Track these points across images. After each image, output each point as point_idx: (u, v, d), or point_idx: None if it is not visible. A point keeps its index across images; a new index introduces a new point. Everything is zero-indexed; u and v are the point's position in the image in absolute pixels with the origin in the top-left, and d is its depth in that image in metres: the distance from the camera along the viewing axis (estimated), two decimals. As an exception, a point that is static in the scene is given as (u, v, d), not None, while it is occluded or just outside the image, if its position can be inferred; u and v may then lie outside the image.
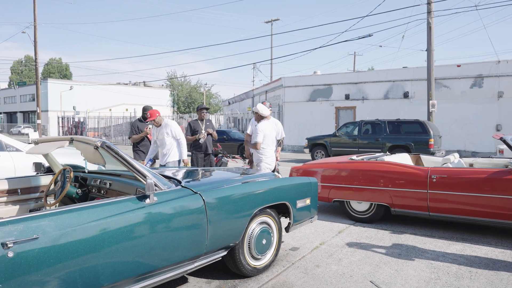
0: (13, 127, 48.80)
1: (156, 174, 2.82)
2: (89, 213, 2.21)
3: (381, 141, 12.93)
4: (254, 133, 5.31)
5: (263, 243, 3.47)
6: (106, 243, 2.23)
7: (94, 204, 2.30)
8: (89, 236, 2.15)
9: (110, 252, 2.24)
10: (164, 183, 2.80)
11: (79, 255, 2.10)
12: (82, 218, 2.16)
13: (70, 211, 2.16)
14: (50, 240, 1.99)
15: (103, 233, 2.22)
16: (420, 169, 4.81)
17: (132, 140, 6.31)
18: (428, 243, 4.38)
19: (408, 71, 17.90)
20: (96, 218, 2.21)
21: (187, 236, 2.70)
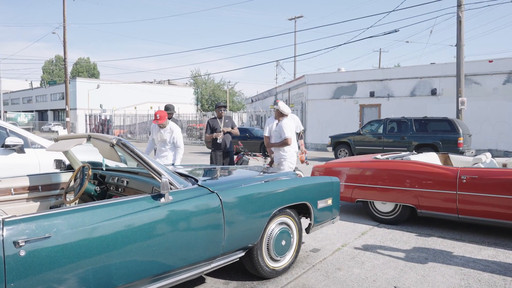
0: (44, 125, 50.53)
1: (172, 173, 2.77)
2: (103, 212, 2.17)
3: (407, 139, 12.54)
4: (282, 129, 5.20)
5: (282, 244, 3.36)
6: (120, 243, 2.19)
7: (108, 202, 2.26)
8: (102, 235, 2.11)
9: (124, 251, 2.20)
10: (180, 182, 2.74)
11: (92, 254, 2.06)
12: (96, 217, 2.12)
13: (83, 210, 2.12)
14: (63, 239, 1.96)
15: (117, 232, 2.17)
16: (449, 169, 4.58)
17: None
18: (457, 248, 4.16)
19: (436, 67, 17.31)
20: (110, 217, 2.17)
21: (203, 237, 2.63)
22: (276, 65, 28.75)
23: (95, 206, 2.19)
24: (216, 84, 54.46)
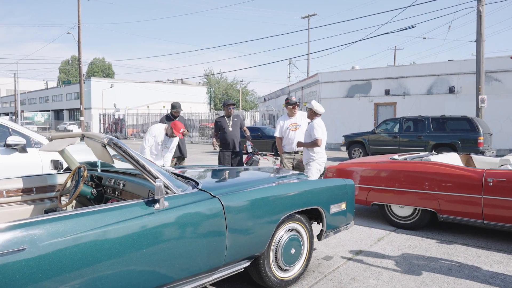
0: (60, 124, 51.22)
1: (169, 175, 2.53)
2: (88, 220, 1.94)
3: (424, 139, 12.10)
4: (312, 129, 4.92)
5: (291, 252, 3.10)
6: (107, 255, 1.95)
7: (95, 209, 2.03)
8: (87, 246, 1.88)
9: (111, 264, 1.96)
10: (179, 185, 2.50)
11: (74, 268, 1.83)
12: (79, 226, 1.90)
13: (66, 218, 1.90)
14: (40, 252, 1.74)
15: (104, 243, 1.94)
16: (473, 171, 4.23)
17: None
18: (483, 257, 3.82)
19: (454, 64, 16.74)
20: (96, 226, 1.94)
21: (203, 246, 2.38)
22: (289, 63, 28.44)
23: (80, 213, 1.97)
24: (229, 84, 54.32)
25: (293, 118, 5.32)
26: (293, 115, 5.31)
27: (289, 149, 5.33)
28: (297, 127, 5.27)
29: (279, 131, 5.35)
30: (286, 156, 5.35)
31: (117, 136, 32.95)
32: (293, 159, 5.31)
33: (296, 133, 5.27)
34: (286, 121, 5.36)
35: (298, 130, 5.27)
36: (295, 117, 5.32)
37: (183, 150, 6.18)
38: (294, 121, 5.31)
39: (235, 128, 6.09)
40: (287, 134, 5.31)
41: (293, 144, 5.26)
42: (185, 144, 6.27)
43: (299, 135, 5.24)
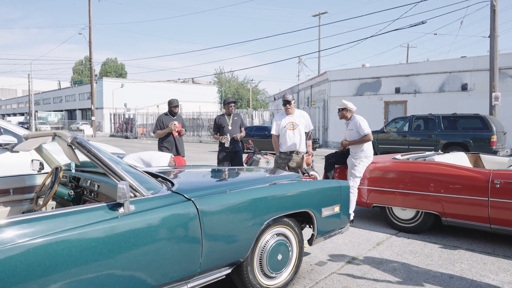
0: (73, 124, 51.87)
1: (141, 176, 2.37)
2: (41, 226, 1.79)
3: (434, 137, 11.74)
4: (359, 126, 4.78)
5: (278, 258, 2.90)
6: (61, 264, 1.80)
7: (50, 214, 1.87)
8: (35, 255, 1.72)
9: (65, 275, 1.80)
10: (150, 187, 2.33)
11: (23, 279, 1.68)
12: (31, 233, 1.74)
13: (14, 224, 1.74)
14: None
15: (55, 252, 1.78)
16: (479, 172, 3.97)
17: (156, 136, 5.97)
18: (489, 263, 3.56)
19: (467, 61, 16.24)
20: (48, 233, 1.78)
21: (174, 254, 2.21)
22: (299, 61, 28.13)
23: (32, 218, 1.81)
24: (240, 83, 54.17)
25: (291, 116, 5.06)
26: (291, 114, 5.07)
27: (285, 149, 5.08)
28: (295, 126, 5.01)
29: (275, 129, 5.15)
30: (282, 156, 5.11)
31: (127, 135, 33.12)
32: (289, 159, 5.07)
33: (293, 133, 5.01)
34: (284, 120, 5.10)
35: (296, 129, 5.01)
36: (293, 115, 5.07)
37: (180, 150, 6.00)
38: (292, 119, 5.05)
39: (235, 127, 5.90)
40: (283, 133, 5.06)
41: (290, 143, 5.01)
42: (182, 144, 6.08)
43: (297, 135, 5.00)
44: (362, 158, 4.75)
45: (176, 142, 5.93)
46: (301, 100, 26.40)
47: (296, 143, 4.99)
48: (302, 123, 5.02)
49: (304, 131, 5.04)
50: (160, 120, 5.98)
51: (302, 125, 5.04)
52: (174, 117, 6.03)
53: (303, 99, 25.99)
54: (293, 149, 5.01)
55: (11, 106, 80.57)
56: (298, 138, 5.00)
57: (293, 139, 5.00)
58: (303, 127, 5.04)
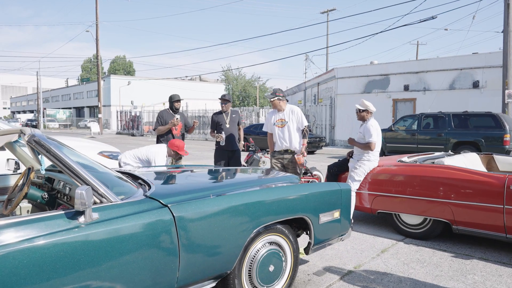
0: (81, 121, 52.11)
1: (111, 179, 2.11)
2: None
3: (444, 136, 11.33)
4: (367, 132, 4.47)
5: (270, 270, 2.63)
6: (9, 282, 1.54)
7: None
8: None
9: (10, 295, 1.55)
10: (121, 192, 2.07)
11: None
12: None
13: None
14: None
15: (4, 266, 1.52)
16: (493, 177, 3.64)
17: (157, 132, 5.57)
18: (505, 276, 3.24)
19: (479, 57, 15.74)
20: (-11, 246, 1.53)
21: (145, 268, 1.94)
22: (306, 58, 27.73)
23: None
24: (247, 81, 53.83)
25: (281, 113, 4.75)
26: (281, 110, 4.76)
27: (277, 148, 4.79)
28: (284, 123, 4.70)
29: (267, 127, 4.86)
30: (275, 155, 4.81)
31: (134, 133, 33.07)
32: (282, 158, 4.77)
33: (283, 130, 4.70)
34: (274, 116, 4.80)
35: (285, 127, 4.70)
36: (283, 112, 4.76)
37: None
38: (281, 116, 4.74)
39: (232, 124, 5.61)
40: (273, 131, 4.78)
41: (281, 142, 4.71)
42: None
43: (286, 132, 4.69)
44: (364, 161, 4.45)
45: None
46: (308, 97, 26.02)
47: (286, 141, 4.69)
48: (292, 120, 4.69)
49: (295, 128, 4.70)
50: (161, 116, 5.57)
51: (293, 122, 4.69)
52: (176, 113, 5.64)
53: (310, 97, 25.62)
54: (285, 148, 4.71)
55: (21, 103, 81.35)
56: (288, 136, 4.68)
57: (282, 137, 4.69)
58: (294, 124, 4.69)
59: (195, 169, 3.52)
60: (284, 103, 4.77)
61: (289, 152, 4.71)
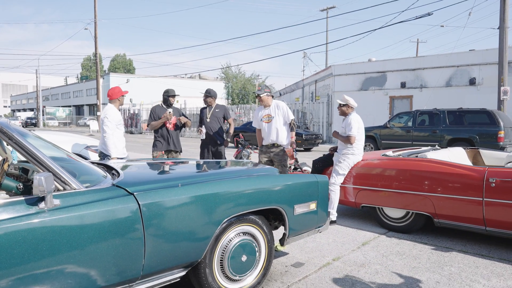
0: (80, 119, 52.18)
1: (78, 167, 2.12)
2: None
3: (439, 133, 11.33)
4: (348, 126, 4.50)
5: (242, 260, 2.64)
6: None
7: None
8: None
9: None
10: (87, 180, 2.08)
11: None
12: None
13: None
14: None
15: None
16: (473, 170, 3.64)
17: (150, 128, 5.44)
18: (481, 267, 3.25)
19: (476, 54, 15.72)
20: None
21: (108, 255, 1.95)
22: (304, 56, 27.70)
23: None
24: (246, 79, 53.80)
25: (267, 109, 4.82)
26: (267, 106, 4.81)
27: (264, 142, 4.86)
28: (270, 119, 4.76)
29: (255, 123, 4.94)
30: (263, 149, 4.88)
31: (132, 131, 33.11)
32: (269, 152, 4.81)
33: (270, 125, 4.76)
34: (261, 112, 4.89)
35: (271, 122, 4.75)
36: (269, 108, 4.82)
37: (176, 144, 5.38)
38: (268, 112, 4.81)
39: (213, 119, 5.55)
40: (261, 127, 4.87)
41: (268, 136, 4.78)
42: (177, 137, 5.45)
43: (273, 127, 4.73)
44: (348, 155, 4.46)
45: (170, 135, 5.32)
46: (306, 95, 26.01)
47: (272, 135, 4.74)
48: (278, 114, 4.73)
49: (281, 122, 4.74)
50: (154, 111, 5.39)
51: (279, 116, 4.74)
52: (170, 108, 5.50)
53: (307, 94, 25.61)
54: (271, 142, 4.77)
55: (21, 101, 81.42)
56: (275, 131, 4.73)
57: (269, 132, 4.77)
58: (281, 118, 4.74)
59: (173, 162, 3.53)
60: (270, 99, 4.82)
61: (276, 146, 4.76)
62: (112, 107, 4.58)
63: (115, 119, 4.52)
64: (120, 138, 4.58)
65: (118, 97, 4.63)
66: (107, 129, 4.42)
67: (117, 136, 4.52)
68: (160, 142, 5.33)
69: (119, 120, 4.60)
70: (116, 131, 4.53)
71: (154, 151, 5.33)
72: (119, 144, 4.55)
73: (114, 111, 4.55)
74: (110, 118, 4.45)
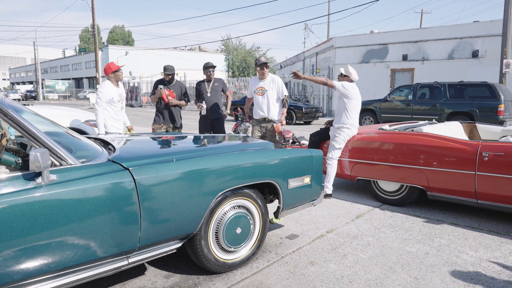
0: (80, 92, 51.87)
1: (74, 143, 2.16)
2: None
3: (439, 106, 11.30)
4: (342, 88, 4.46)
5: (237, 232, 2.72)
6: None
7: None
8: None
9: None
10: (82, 156, 2.12)
11: None
12: None
13: None
14: None
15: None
16: (466, 144, 3.67)
17: (151, 100, 5.58)
18: (470, 239, 3.34)
19: (479, 26, 15.42)
20: None
21: (104, 228, 2.02)
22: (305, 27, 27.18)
23: None
24: (247, 51, 53.02)
25: (262, 81, 4.77)
26: (263, 78, 4.77)
27: (256, 116, 4.84)
28: (264, 91, 4.72)
29: (248, 92, 4.93)
30: (254, 123, 4.87)
31: (132, 104, 32.99)
32: (260, 127, 4.81)
33: (262, 98, 4.73)
34: (255, 83, 4.84)
35: (264, 95, 4.72)
36: (264, 80, 4.77)
37: (176, 118, 5.44)
38: (262, 85, 4.76)
39: (214, 93, 5.56)
40: (254, 99, 4.84)
41: (259, 110, 4.75)
42: (178, 112, 5.51)
43: (265, 101, 4.71)
44: (343, 128, 4.48)
45: (168, 110, 5.38)
46: (306, 68, 25.73)
47: (264, 109, 4.73)
48: (272, 88, 4.71)
49: (275, 97, 4.73)
50: (155, 85, 5.47)
51: (273, 91, 4.71)
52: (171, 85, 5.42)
53: (308, 67, 25.33)
54: (262, 117, 4.76)
55: (20, 74, 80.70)
56: (266, 104, 4.71)
57: (260, 105, 4.74)
58: (274, 93, 4.72)
59: (169, 137, 3.57)
60: (267, 72, 4.78)
61: (267, 121, 4.76)
62: (105, 84, 4.59)
63: (107, 96, 4.52)
64: (113, 115, 4.60)
65: (109, 73, 4.61)
66: (97, 106, 4.55)
67: (110, 113, 4.56)
68: (158, 116, 5.46)
69: (112, 96, 4.58)
70: (109, 108, 4.56)
71: (153, 124, 5.45)
72: (111, 121, 4.59)
73: (106, 88, 4.56)
74: (100, 95, 4.52)
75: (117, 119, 4.68)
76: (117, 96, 4.65)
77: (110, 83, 4.63)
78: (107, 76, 4.64)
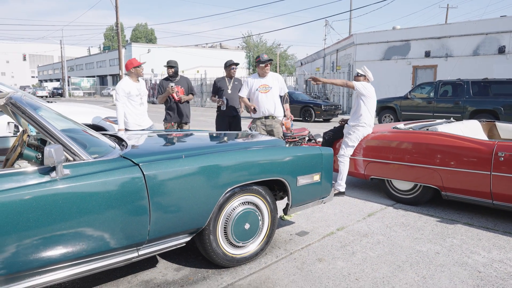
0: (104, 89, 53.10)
1: (88, 139, 2.26)
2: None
3: (461, 104, 11.01)
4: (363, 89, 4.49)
5: (245, 228, 2.78)
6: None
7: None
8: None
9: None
10: (95, 152, 2.22)
11: None
12: None
13: None
14: None
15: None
16: (482, 144, 3.60)
17: (159, 101, 5.69)
18: (484, 240, 3.29)
19: (507, 20, 14.89)
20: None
21: (115, 221, 2.11)
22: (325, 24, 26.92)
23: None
24: (268, 48, 52.95)
25: (264, 79, 4.74)
26: (265, 75, 4.75)
27: (259, 114, 4.77)
28: (268, 89, 4.70)
29: (244, 91, 4.83)
30: (257, 123, 4.81)
31: (154, 101, 33.53)
32: (264, 125, 4.78)
33: (266, 96, 4.70)
34: (256, 81, 4.76)
35: (269, 93, 4.70)
36: (266, 78, 4.74)
37: (185, 116, 5.52)
38: (264, 82, 4.72)
39: (234, 91, 5.63)
40: (256, 97, 4.74)
41: (264, 108, 4.71)
42: (188, 109, 5.59)
43: (270, 98, 4.70)
44: (358, 126, 4.46)
45: (178, 108, 5.45)
46: (327, 65, 25.50)
47: (270, 107, 4.71)
48: (276, 85, 4.71)
49: (278, 94, 4.74)
50: (160, 85, 5.62)
51: (276, 88, 4.73)
52: (175, 80, 5.64)
53: (328, 64, 25.09)
54: (268, 114, 4.73)
55: (48, 72, 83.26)
56: (272, 102, 4.70)
57: (265, 103, 4.70)
58: (277, 90, 4.73)
59: (180, 134, 3.65)
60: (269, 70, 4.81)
61: (271, 118, 4.75)
62: (125, 80, 4.71)
63: (124, 90, 4.63)
64: (133, 110, 4.71)
65: (130, 69, 4.73)
66: (116, 102, 4.69)
67: (130, 109, 4.67)
68: (169, 114, 5.51)
69: (129, 90, 4.67)
70: (128, 103, 4.67)
71: (164, 123, 5.52)
72: (132, 118, 4.70)
73: (126, 84, 4.66)
74: (118, 90, 4.64)
75: (138, 114, 4.77)
76: (135, 90, 4.72)
77: (128, 78, 4.76)
78: (128, 71, 4.77)
